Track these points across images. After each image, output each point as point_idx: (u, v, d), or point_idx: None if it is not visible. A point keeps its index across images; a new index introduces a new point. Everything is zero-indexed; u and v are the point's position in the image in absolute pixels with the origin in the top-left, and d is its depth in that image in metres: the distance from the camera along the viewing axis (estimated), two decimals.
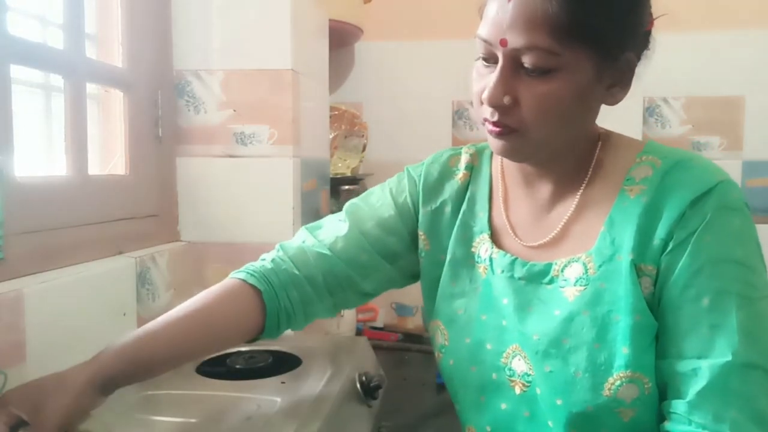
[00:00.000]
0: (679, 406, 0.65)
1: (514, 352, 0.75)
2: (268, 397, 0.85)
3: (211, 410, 0.82)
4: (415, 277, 0.90)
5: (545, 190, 0.78)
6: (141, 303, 1.11)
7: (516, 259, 0.77)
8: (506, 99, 0.68)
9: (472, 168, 0.86)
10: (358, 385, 0.98)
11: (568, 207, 0.75)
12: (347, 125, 1.85)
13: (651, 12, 0.71)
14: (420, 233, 0.86)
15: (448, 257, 0.83)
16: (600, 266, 0.70)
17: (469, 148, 0.88)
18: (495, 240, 0.80)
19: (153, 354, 0.73)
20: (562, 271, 0.73)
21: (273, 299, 0.82)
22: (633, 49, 0.70)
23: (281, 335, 0.86)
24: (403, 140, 2.00)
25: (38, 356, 0.84)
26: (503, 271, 0.77)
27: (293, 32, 1.29)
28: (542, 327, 0.72)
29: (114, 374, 0.69)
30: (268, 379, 0.92)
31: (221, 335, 0.80)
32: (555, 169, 0.76)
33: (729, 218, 0.67)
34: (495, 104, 0.68)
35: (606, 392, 0.67)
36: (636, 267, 0.68)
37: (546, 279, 0.74)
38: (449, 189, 0.86)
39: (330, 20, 1.61)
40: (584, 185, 0.75)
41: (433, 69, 1.98)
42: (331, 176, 1.69)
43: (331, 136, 1.77)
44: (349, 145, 1.85)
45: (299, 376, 0.94)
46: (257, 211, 1.31)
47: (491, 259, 0.79)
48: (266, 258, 0.86)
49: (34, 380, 0.69)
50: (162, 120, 1.27)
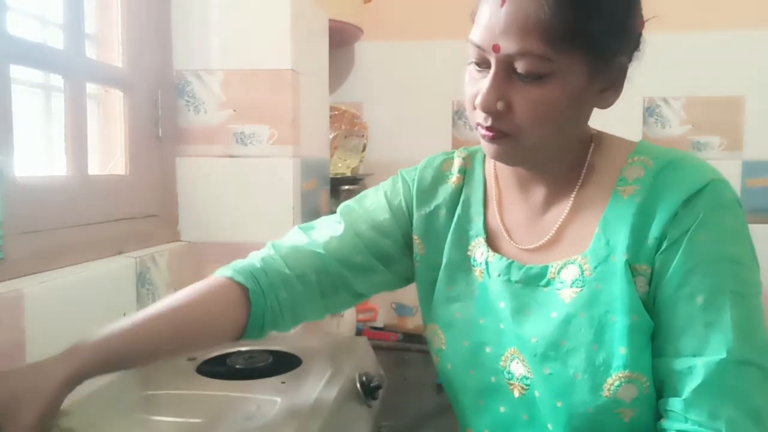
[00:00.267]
0: (676, 404, 0.65)
1: (513, 356, 0.75)
2: (268, 397, 0.85)
3: (211, 410, 0.82)
4: (409, 280, 0.90)
5: (539, 193, 0.78)
6: (141, 303, 1.11)
7: (512, 263, 0.76)
8: (499, 105, 0.68)
9: (465, 171, 0.86)
10: (358, 385, 0.98)
11: (563, 209, 0.76)
12: (347, 125, 1.85)
13: (642, 14, 0.71)
14: (415, 237, 0.86)
15: (444, 261, 0.83)
16: (595, 267, 0.70)
17: (462, 152, 0.88)
18: (490, 243, 0.80)
19: (130, 350, 0.70)
20: (558, 274, 0.73)
21: (260, 298, 0.79)
22: (626, 53, 0.70)
23: (276, 336, 0.84)
24: (403, 140, 2.00)
25: (38, 356, 0.84)
26: (499, 275, 0.77)
27: (293, 32, 1.29)
28: (540, 330, 0.72)
29: (90, 370, 0.66)
30: (268, 379, 0.92)
31: (202, 333, 0.77)
32: (548, 172, 0.76)
33: (722, 216, 0.67)
34: (488, 110, 0.68)
35: (605, 393, 0.67)
36: (631, 267, 0.68)
37: (542, 281, 0.74)
38: (443, 193, 0.85)
39: (330, 20, 1.61)
40: (578, 187, 0.75)
41: (433, 69, 1.97)
42: (331, 176, 1.69)
43: (331, 136, 1.77)
44: (349, 145, 1.85)
45: (299, 376, 0.94)
46: (257, 211, 1.31)
47: (487, 263, 0.79)
48: (256, 256, 0.83)
49: (4, 375, 0.64)
50: (162, 120, 1.27)
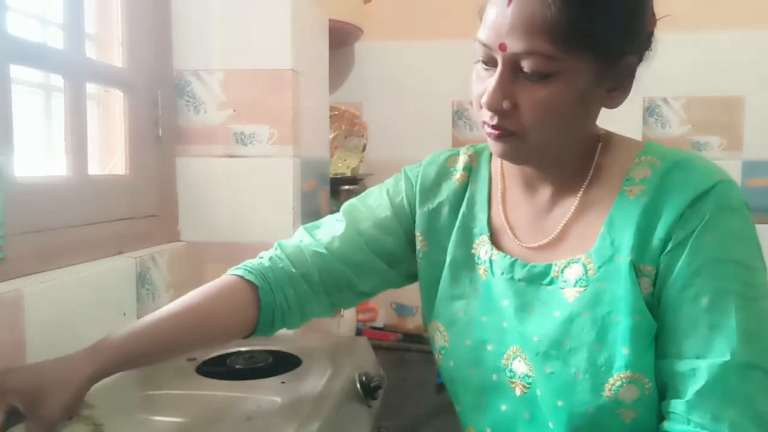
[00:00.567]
0: (678, 406, 0.65)
1: (515, 354, 0.75)
2: (268, 397, 0.85)
3: (211, 410, 0.82)
4: (412, 278, 0.90)
5: (545, 192, 0.78)
6: (141, 303, 1.11)
7: (516, 261, 0.76)
8: (505, 103, 0.68)
9: (471, 169, 0.86)
10: (358, 385, 0.98)
11: (568, 208, 0.75)
12: (347, 125, 1.85)
13: (654, 12, 0.71)
14: (417, 234, 0.86)
15: (448, 259, 0.83)
16: (600, 267, 0.70)
17: (468, 149, 0.88)
18: (494, 241, 0.80)
19: (150, 347, 0.74)
20: (562, 272, 0.73)
21: (269, 296, 0.82)
22: (634, 52, 0.70)
23: (276, 333, 0.86)
24: (403, 140, 2.00)
25: (38, 356, 0.84)
26: (503, 273, 0.77)
27: (293, 32, 1.29)
28: (542, 328, 0.72)
29: (111, 366, 0.71)
30: (268, 379, 0.92)
31: (217, 330, 0.80)
32: (555, 171, 0.76)
33: (728, 218, 0.67)
34: (494, 108, 0.68)
35: (606, 393, 0.67)
36: (635, 267, 0.68)
37: (546, 280, 0.74)
38: (447, 190, 0.85)
39: (330, 20, 1.61)
40: (584, 187, 0.75)
41: (433, 69, 1.97)
42: (331, 176, 1.69)
43: (331, 136, 1.77)
44: (349, 145, 1.85)
45: (299, 376, 0.94)
46: (257, 211, 1.31)
47: (491, 261, 0.79)
48: (264, 256, 0.87)
49: (29, 367, 0.68)
50: (162, 120, 1.27)
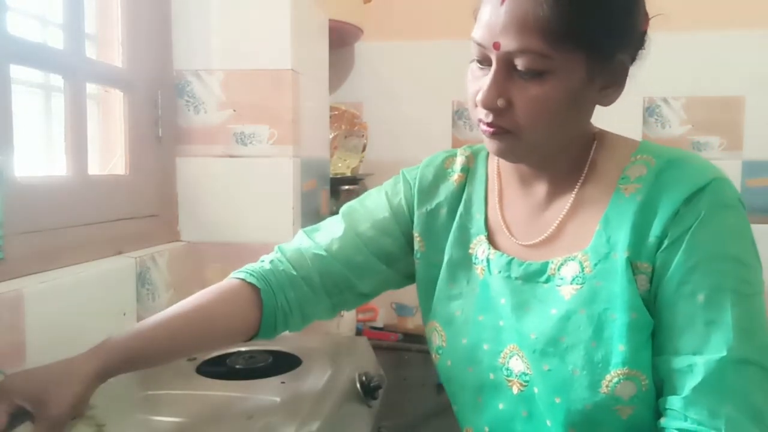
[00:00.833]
0: (675, 402, 0.65)
1: (512, 352, 0.75)
2: (268, 397, 0.85)
3: (211, 410, 0.82)
4: (412, 278, 0.90)
5: (541, 190, 0.78)
6: (141, 303, 1.11)
7: (512, 259, 0.77)
8: (500, 101, 0.68)
9: (468, 170, 0.86)
10: (358, 385, 0.98)
11: (564, 206, 0.76)
12: (347, 125, 1.85)
13: (646, 12, 0.71)
14: (415, 235, 0.86)
15: (446, 259, 0.84)
16: (596, 264, 0.71)
17: (465, 150, 0.88)
18: (491, 240, 0.81)
19: (153, 348, 0.75)
20: (559, 270, 0.73)
21: (270, 298, 0.83)
22: (626, 51, 0.70)
23: (278, 336, 0.86)
24: (403, 140, 2.00)
25: (38, 356, 0.84)
26: (500, 272, 0.77)
27: (293, 32, 1.29)
28: (540, 326, 0.72)
29: (117, 367, 0.71)
30: (268, 379, 0.92)
31: (219, 332, 0.81)
32: (550, 169, 0.77)
33: (723, 215, 0.67)
34: (488, 107, 0.69)
35: (603, 389, 0.67)
36: (632, 265, 0.68)
37: (542, 278, 0.74)
38: (444, 191, 0.86)
39: (330, 20, 1.61)
40: (579, 184, 0.75)
41: (433, 69, 1.97)
42: (331, 176, 1.69)
43: (331, 136, 1.77)
44: (349, 145, 1.85)
45: (299, 376, 0.94)
46: (257, 211, 1.31)
47: (488, 260, 0.79)
48: (265, 259, 0.88)
49: (35, 369, 0.69)
50: (162, 120, 1.27)
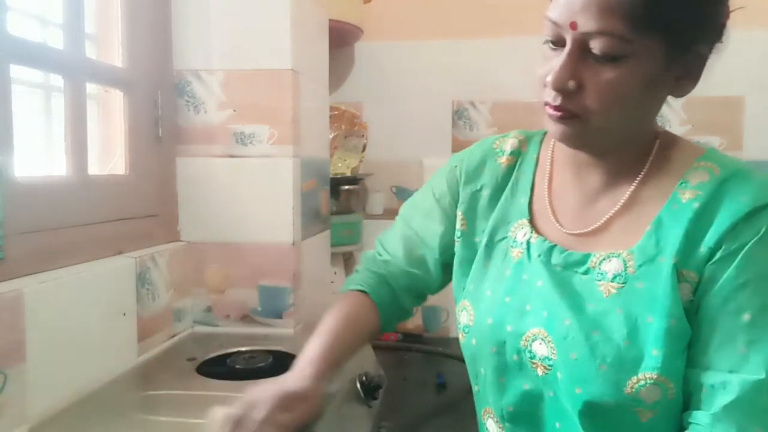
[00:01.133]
0: (702, 418, 0.64)
1: (535, 336, 0.74)
2: None
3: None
4: None
5: (595, 180, 0.77)
6: (141, 303, 1.11)
7: (554, 246, 0.76)
8: (571, 84, 0.67)
9: (519, 153, 0.86)
10: (358, 385, 0.98)
11: (617, 201, 0.75)
12: (347, 125, 1.85)
13: (728, 5, 0.70)
14: (459, 213, 0.87)
15: (485, 240, 0.84)
16: (640, 266, 0.69)
17: (519, 134, 0.88)
18: (534, 225, 0.80)
19: (341, 358, 0.81)
20: (600, 264, 0.72)
21: (379, 297, 0.89)
22: (706, 42, 0.69)
23: (275, 333, 0.89)
24: (403, 140, 2.00)
25: (38, 356, 0.84)
26: (540, 256, 0.77)
27: (293, 32, 1.29)
28: (574, 314, 0.71)
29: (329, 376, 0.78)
30: (268, 380, 0.92)
31: (366, 337, 0.87)
32: (609, 161, 0.75)
33: None
34: (559, 88, 0.67)
35: (628, 390, 0.66)
36: (678, 272, 0.67)
37: (582, 269, 0.73)
38: (490, 171, 0.86)
39: (330, 20, 1.61)
40: (636, 181, 0.74)
41: (433, 69, 1.97)
42: (331, 176, 1.69)
43: (331, 136, 1.77)
44: (349, 145, 1.85)
45: None
46: (257, 211, 1.31)
47: (529, 243, 0.79)
48: (359, 269, 0.94)
49: (272, 392, 0.73)
50: (162, 120, 1.27)
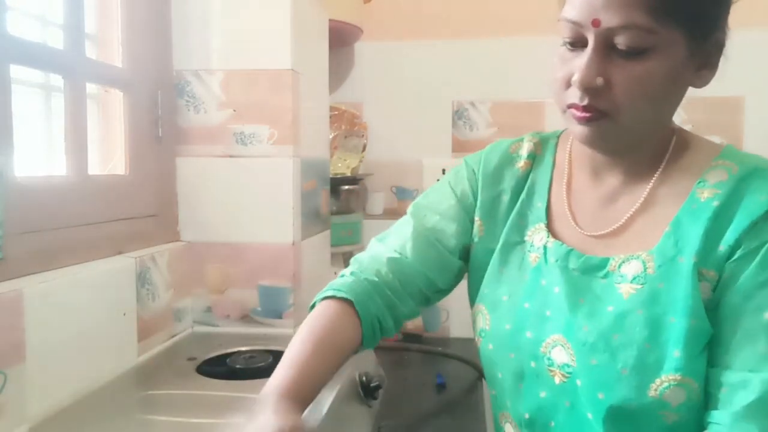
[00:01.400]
0: (723, 417, 0.63)
1: (555, 342, 0.73)
2: None
3: (211, 410, 0.82)
4: None
5: (613, 181, 0.77)
6: (141, 303, 1.11)
7: (572, 251, 0.76)
8: (599, 80, 0.66)
9: (535, 157, 0.85)
10: (358, 385, 0.98)
11: (635, 201, 0.74)
12: (347, 125, 1.85)
13: None
14: (476, 219, 0.86)
15: (501, 243, 0.83)
16: (660, 266, 0.69)
17: (534, 137, 0.87)
18: (551, 229, 0.80)
19: (313, 385, 0.71)
20: (619, 268, 0.72)
21: (364, 308, 0.78)
22: (722, 30, 0.69)
23: (275, 333, 0.85)
24: (403, 140, 2.00)
25: (38, 356, 0.84)
26: (557, 260, 0.76)
27: (293, 32, 1.29)
28: (593, 320, 0.71)
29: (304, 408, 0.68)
30: (268, 380, 0.92)
31: (346, 351, 0.76)
32: (627, 161, 0.75)
33: None
34: (587, 86, 0.66)
35: (652, 393, 0.66)
36: (698, 271, 0.67)
37: (601, 273, 0.73)
38: (509, 177, 0.85)
39: (330, 20, 1.61)
40: (654, 181, 0.74)
41: (433, 69, 1.97)
42: (331, 176, 1.69)
43: (331, 136, 1.77)
44: (349, 145, 1.85)
45: None
46: (257, 211, 1.31)
47: (545, 248, 0.78)
48: (345, 273, 0.84)
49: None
50: (162, 120, 1.27)
